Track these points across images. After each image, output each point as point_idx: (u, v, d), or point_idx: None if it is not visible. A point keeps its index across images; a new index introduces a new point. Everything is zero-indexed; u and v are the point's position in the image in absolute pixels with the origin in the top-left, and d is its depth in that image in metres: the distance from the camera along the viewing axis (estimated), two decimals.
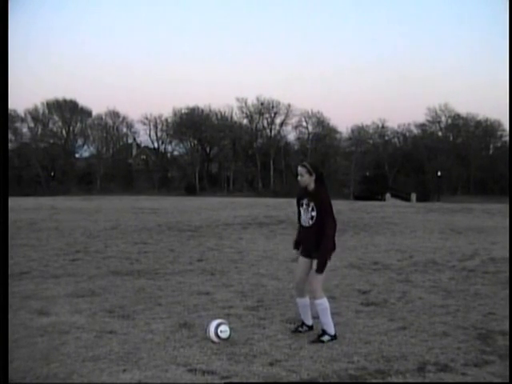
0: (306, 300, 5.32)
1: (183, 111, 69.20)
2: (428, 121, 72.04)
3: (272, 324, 5.60)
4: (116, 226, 15.48)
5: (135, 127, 69.55)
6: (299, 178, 5.17)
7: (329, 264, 5.09)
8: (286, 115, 69.55)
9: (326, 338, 5.02)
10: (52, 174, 63.01)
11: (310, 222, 5.10)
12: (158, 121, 69.38)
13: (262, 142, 71.10)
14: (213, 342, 4.93)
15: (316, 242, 5.02)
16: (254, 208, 23.22)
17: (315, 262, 5.04)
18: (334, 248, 5.13)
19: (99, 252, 10.74)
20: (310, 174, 5.12)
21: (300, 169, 5.17)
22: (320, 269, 4.99)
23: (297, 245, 5.39)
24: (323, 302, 5.07)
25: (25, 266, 9.08)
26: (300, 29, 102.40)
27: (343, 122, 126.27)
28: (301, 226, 5.27)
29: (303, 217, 5.19)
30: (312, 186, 5.14)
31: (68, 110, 65.83)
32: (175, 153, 73.50)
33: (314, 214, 5.06)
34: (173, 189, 62.57)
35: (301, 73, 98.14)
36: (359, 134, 70.79)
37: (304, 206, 5.17)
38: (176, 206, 24.69)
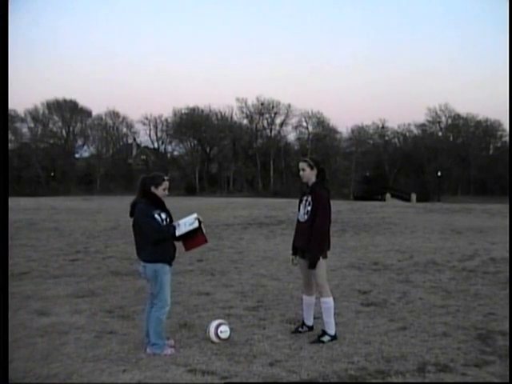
0: (312, 299, 5.33)
1: (183, 111, 69.04)
2: (428, 121, 71.85)
3: (272, 324, 5.60)
4: (116, 226, 15.48)
5: (135, 127, 69.27)
6: (301, 172, 5.16)
7: (328, 263, 5.09)
8: (286, 115, 69.35)
9: (325, 338, 5.02)
10: (52, 173, 62.86)
11: (305, 217, 5.08)
12: (158, 121, 69.19)
13: (262, 142, 70.93)
14: (213, 342, 4.94)
15: (309, 239, 4.99)
16: (253, 208, 23.21)
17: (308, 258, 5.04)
18: (328, 247, 5.13)
19: (99, 252, 10.74)
20: (312, 169, 5.11)
21: (301, 163, 5.16)
22: (311, 265, 4.99)
23: (294, 249, 5.33)
24: (329, 301, 5.08)
25: (25, 266, 9.09)
26: (300, 29, 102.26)
27: (343, 121, 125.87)
28: (297, 221, 5.26)
29: (300, 211, 5.19)
30: (313, 180, 5.14)
31: (68, 109, 65.59)
32: (175, 153, 73.34)
33: (309, 208, 5.05)
34: (173, 189, 61.96)
35: (301, 73, 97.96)
36: (359, 134, 70.61)
37: (303, 201, 5.18)
38: (176, 206, 24.66)
